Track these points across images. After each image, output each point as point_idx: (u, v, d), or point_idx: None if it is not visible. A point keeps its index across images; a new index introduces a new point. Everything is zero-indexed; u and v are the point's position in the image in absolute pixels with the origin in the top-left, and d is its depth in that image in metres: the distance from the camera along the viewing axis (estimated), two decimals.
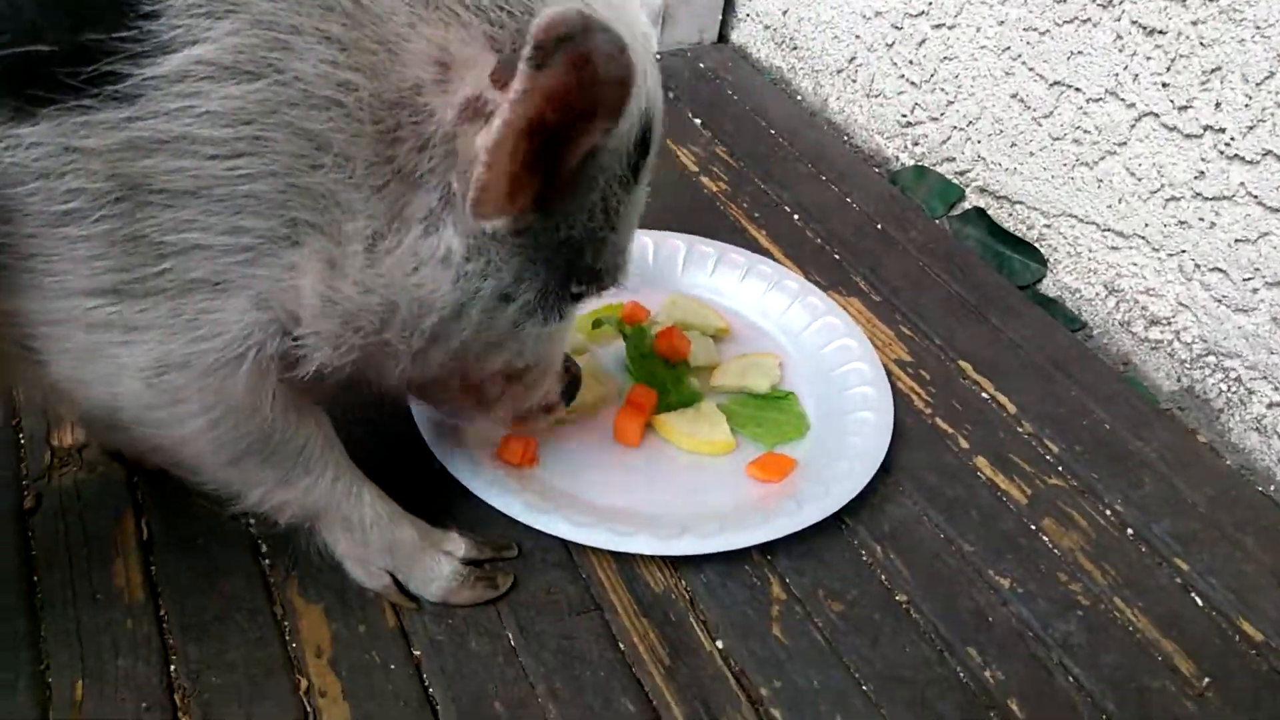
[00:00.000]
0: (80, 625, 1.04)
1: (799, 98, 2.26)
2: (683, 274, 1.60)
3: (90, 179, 0.73)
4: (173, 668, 1.02)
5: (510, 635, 1.08)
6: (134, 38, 0.70)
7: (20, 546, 1.11)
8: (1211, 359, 1.52)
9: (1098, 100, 1.61)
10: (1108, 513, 1.31)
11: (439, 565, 1.09)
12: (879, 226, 1.81)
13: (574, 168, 0.85)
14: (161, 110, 0.72)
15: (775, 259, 1.68)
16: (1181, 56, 1.47)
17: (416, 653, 1.05)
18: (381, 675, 1.03)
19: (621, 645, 1.09)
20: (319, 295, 0.83)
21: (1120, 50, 1.56)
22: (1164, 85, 1.50)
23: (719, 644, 1.10)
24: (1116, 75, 1.57)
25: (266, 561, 1.12)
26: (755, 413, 1.37)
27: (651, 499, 1.24)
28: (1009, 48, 1.74)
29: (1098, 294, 1.68)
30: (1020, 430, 1.42)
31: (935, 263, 1.73)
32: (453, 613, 1.09)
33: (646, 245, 1.59)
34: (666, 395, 1.36)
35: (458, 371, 1.02)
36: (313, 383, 0.92)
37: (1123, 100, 1.57)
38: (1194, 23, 1.44)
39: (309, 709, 1.00)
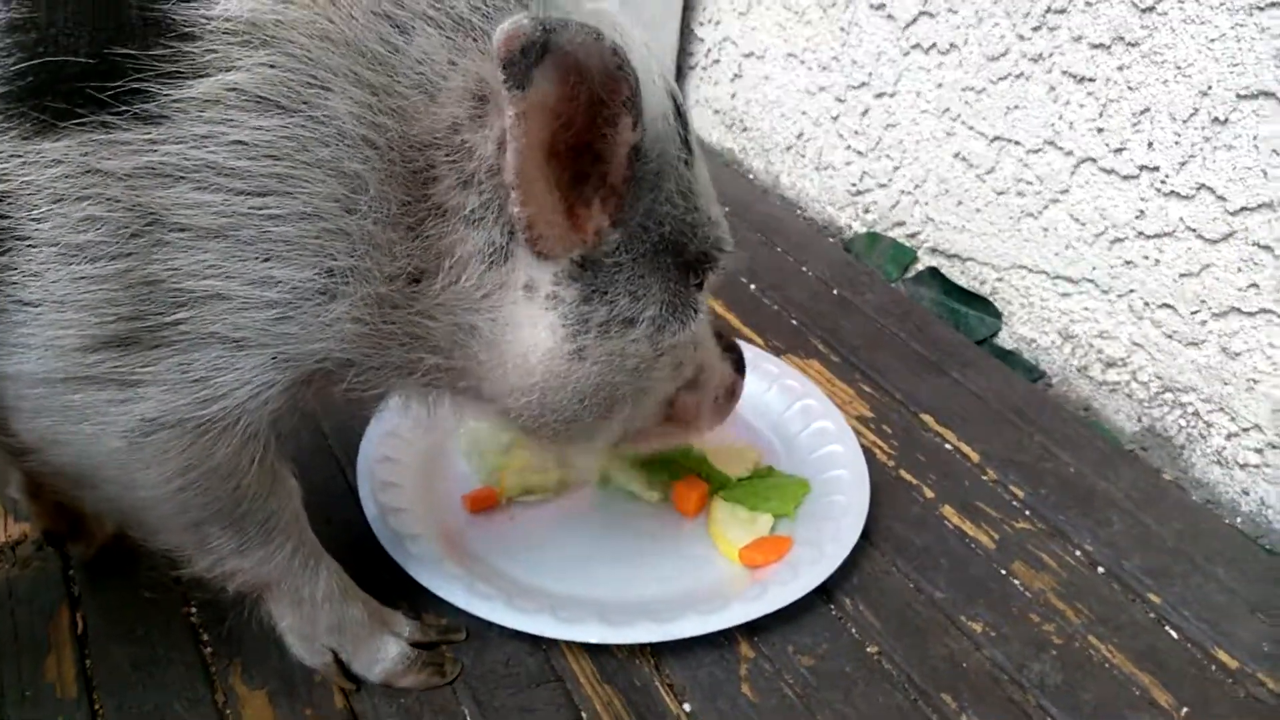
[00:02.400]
0: None
1: (751, 176, 2.29)
2: None
3: (108, 207, 0.70)
4: None
5: (467, 711, 1.04)
6: (167, 57, 0.69)
7: None
8: (1169, 395, 1.51)
9: (1037, 151, 1.63)
10: (1077, 553, 1.29)
11: (386, 646, 1.05)
12: (835, 291, 1.82)
13: (628, 171, 0.82)
14: (188, 135, 0.70)
15: (732, 326, 1.68)
16: (1112, 101, 1.50)
17: None
18: None
19: (584, 715, 1.05)
20: (368, 335, 0.81)
21: (1054, 101, 1.58)
22: (1099, 130, 1.53)
23: (686, 707, 1.06)
24: (1053, 125, 1.60)
25: (208, 649, 1.07)
26: (756, 490, 1.31)
27: (638, 582, 1.20)
28: (948, 109, 1.77)
29: (1053, 342, 1.68)
30: (985, 478, 1.41)
31: (892, 322, 1.74)
32: (405, 691, 1.04)
33: None
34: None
35: (644, 414, 1.01)
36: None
37: (1061, 149, 1.59)
38: (1120, 68, 1.47)
39: None
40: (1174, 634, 1.19)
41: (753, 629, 1.15)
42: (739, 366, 1.14)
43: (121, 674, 1.04)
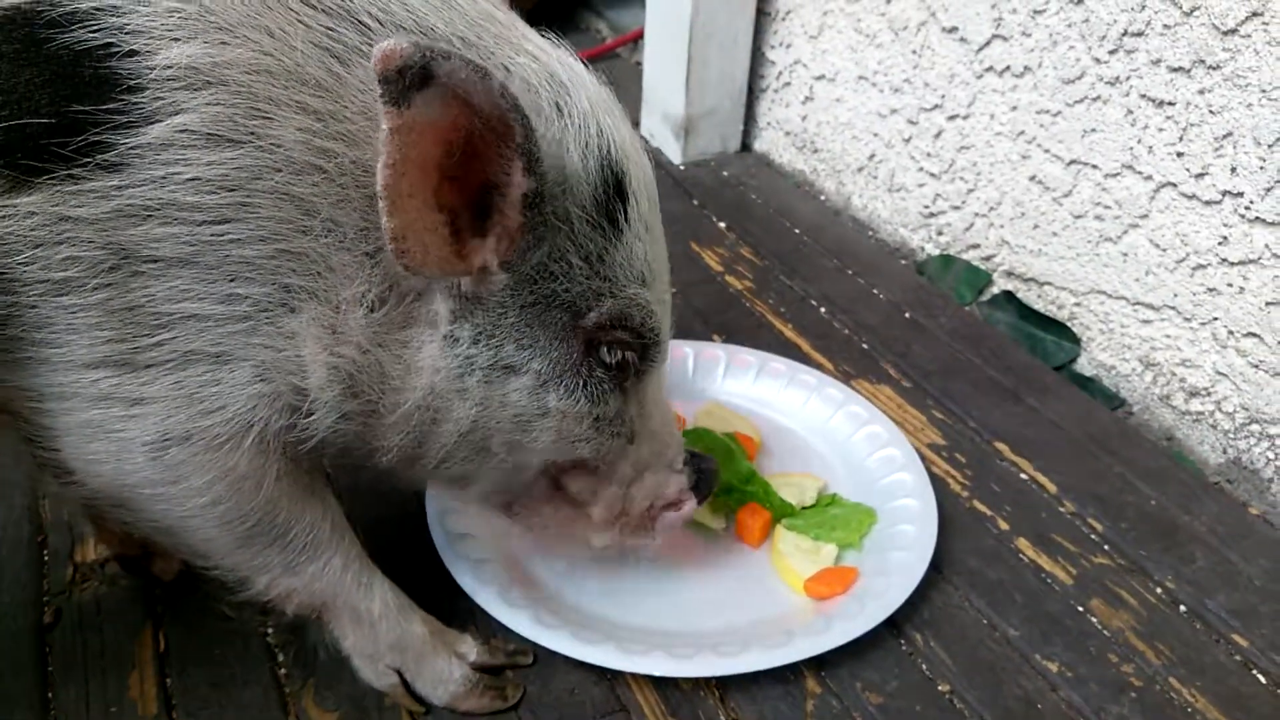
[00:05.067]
0: None
1: (822, 197, 2.28)
2: (722, 383, 1.56)
3: (84, 247, 0.76)
4: None
5: None
6: (119, 109, 0.74)
7: (37, 662, 1.11)
8: (1256, 427, 1.47)
9: (1115, 175, 1.60)
10: (1159, 590, 1.26)
11: (450, 668, 1.06)
12: (907, 315, 1.80)
13: (521, 217, 0.83)
14: (148, 178, 0.76)
15: (802, 351, 1.67)
16: (1192, 125, 1.46)
17: None
18: None
19: None
20: (323, 363, 0.85)
21: (1132, 124, 1.55)
22: (1179, 155, 1.49)
23: None
24: (1131, 149, 1.56)
25: (282, 671, 1.10)
26: (821, 519, 1.29)
27: (702, 613, 1.19)
28: (1023, 132, 1.74)
29: (1134, 369, 1.64)
30: (1062, 510, 1.38)
31: (967, 347, 1.71)
32: (470, 717, 1.05)
33: (687, 355, 1.58)
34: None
35: (521, 474, 1.00)
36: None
37: (1139, 173, 1.56)
38: (1201, 91, 1.44)
39: None
40: (1261, 678, 1.15)
41: (820, 663, 1.14)
42: (701, 487, 1.10)
43: (200, 693, 1.08)
